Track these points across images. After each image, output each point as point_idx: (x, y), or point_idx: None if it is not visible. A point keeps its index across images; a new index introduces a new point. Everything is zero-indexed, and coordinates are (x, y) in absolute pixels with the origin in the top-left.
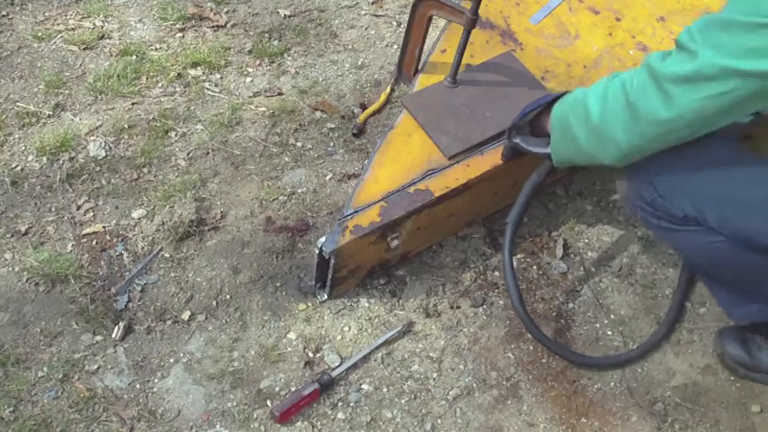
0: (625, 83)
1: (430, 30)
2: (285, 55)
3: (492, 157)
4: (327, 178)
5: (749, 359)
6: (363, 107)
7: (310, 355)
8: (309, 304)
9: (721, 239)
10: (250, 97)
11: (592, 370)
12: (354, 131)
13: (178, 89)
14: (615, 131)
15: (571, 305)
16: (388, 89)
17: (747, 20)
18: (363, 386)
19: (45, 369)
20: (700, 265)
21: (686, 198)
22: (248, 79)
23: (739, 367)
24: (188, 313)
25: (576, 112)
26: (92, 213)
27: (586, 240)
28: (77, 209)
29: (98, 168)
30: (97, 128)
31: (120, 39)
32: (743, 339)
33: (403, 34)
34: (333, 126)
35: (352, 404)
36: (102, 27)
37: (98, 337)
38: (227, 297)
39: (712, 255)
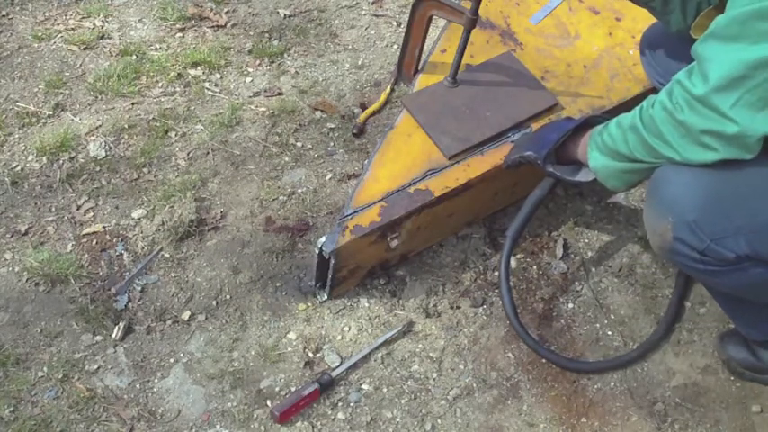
0: (666, 105)
1: (430, 30)
2: (285, 55)
3: (492, 158)
4: (327, 178)
5: (755, 360)
6: (363, 107)
7: (310, 355)
8: (309, 304)
9: None
10: (250, 97)
11: (592, 375)
12: (354, 131)
13: (178, 89)
14: (692, 155)
15: (571, 305)
16: (388, 89)
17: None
18: (363, 386)
19: (45, 369)
20: (737, 295)
21: (742, 237)
22: (248, 79)
23: (746, 371)
24: (188, 313)
25: (635, 147)
26: (92, 213)
27: (586, 240)
28: (77, 209)
29: (98, 168)
30: (97, 128)
31: (120, 39)
32: (744, 341)
33: (403, 34)
34: (333, 126)
35: (352, 404)
36: (102, 27)
37: (98, 337)
38: (227, 297)
39: (758, 283)
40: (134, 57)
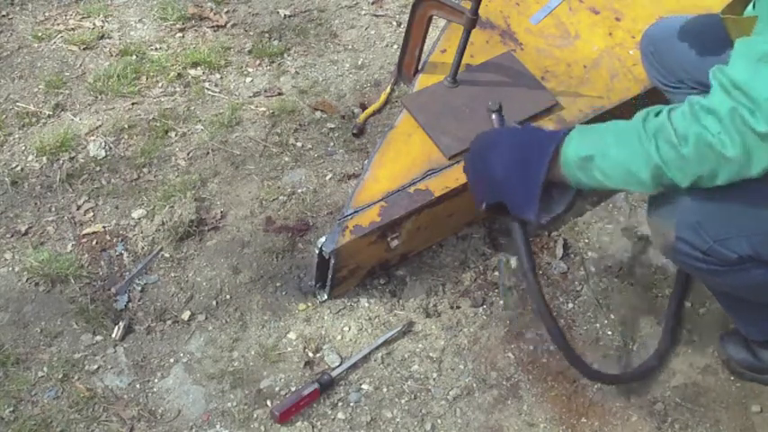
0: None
1: (430, 30)
2: (285, 55)
3: None
4: (327, 178)
5: (755, 360)
6: (363, 107)
7: (310, 355)
8: (309, 304)
9: None
10: (250, 97)
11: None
12: (354, 131)
13: (178, 89)
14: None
15: (571, 305)
16: (388, 89)
17: None
18: (363, 386)
19: (45, 369)
20: (737, 294)
21: (744, 239)
22: (248, 79)
23: (746, 371)
24: (188, 313)
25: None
26: (92, 213)
27: (586, 240)
28: (77, 209)
29: (98, 168)
30: (97, 128)
31: (120, 39)
32: (744, 341)
33: (403, 34)
34: (333, 126)
35: (352, 404)
36: (102, 27)
37: (98, 337)
38: (227, 297)
39: (759, 284)
40: (134, 57)
